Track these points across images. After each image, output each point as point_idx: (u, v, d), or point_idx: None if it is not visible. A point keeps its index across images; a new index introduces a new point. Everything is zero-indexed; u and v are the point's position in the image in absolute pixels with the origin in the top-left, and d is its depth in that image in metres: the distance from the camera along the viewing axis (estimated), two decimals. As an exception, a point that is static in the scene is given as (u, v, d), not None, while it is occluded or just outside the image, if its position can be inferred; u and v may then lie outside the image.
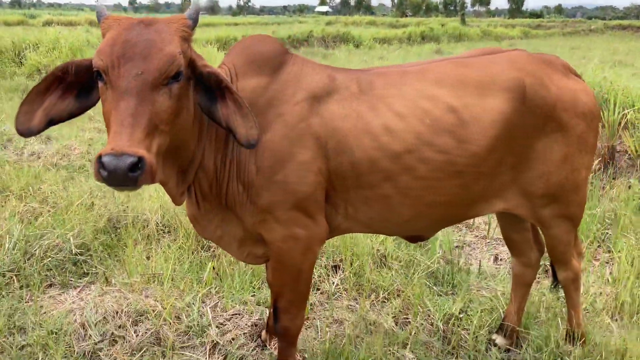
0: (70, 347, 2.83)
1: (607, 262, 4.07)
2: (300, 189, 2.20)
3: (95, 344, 2.86)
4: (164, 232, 4.19)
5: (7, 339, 2.87)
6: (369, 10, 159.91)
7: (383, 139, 2.22)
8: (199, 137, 2.12)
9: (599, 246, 4.34)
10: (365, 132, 2.22)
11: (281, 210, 2.22)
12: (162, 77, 1.78)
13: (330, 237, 2.53)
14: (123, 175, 1.60)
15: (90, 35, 15.66)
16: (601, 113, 5.67)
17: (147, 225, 4.19)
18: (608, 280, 3.78)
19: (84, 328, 2.96)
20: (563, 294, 3.04)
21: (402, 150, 2.23)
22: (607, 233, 4.48)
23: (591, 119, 2.48)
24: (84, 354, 2.80)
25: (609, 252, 4.21)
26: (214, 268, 3.52)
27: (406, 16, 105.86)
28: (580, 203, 2.63)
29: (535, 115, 2.36)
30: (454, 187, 2.33)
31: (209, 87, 1.97)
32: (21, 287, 3.39)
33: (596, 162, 5.57)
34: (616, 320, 3.31)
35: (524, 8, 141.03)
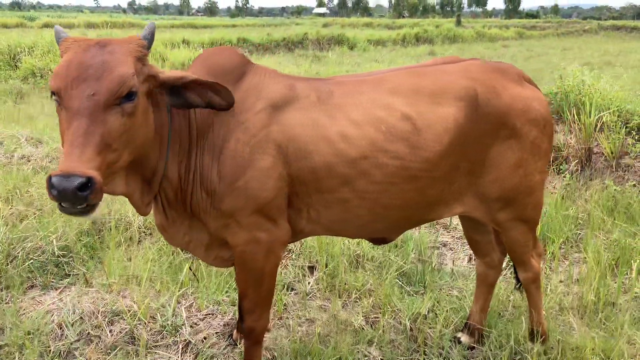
0: (46, 346, 2.93)
1: (578, 262, 4.18)
2: (261, 195, 2.30)
3: (71, 343, 2.96)
4: (145, 234, 4.29)
5: (-14, 339, 2.97)
6: (367, 11, 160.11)
7: (340, 146, 2.32)
8: (161, 149, 2.21)
9: (571, 246, 4.45)
10: (323, 139, 2.32)
11: (243, 215, 2.32)
12: (114, 98, 1.86)
13: (295, 240, 2.63)
14: (72, 195, 1.70)
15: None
16: (577, 116, 5.78)
17: (130, 228, 4.30)
18: (577, 280, 3.89)
19: (60, 328, 3.06)
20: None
21: (358, 156, 2.33)
22: (580, 233, 4.59)
23: (544, 125, 2.59)
24: (59, 353, 2.90)
25: (580, 252, 4.32)
26: (190, 269, 3.62)
27: (403, 17, 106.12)
28: (536, 206, 2.73)
29: (488, 122, 2.46)
30: (409, 191, 2.43)
31: (174, 89, 2.10)
32: (2, 289, 3.49)
33: (573, 163, 5.69)
34: (581, 318, 3.41)
35: (520, 8, 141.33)
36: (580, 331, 3.15)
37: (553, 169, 5.87)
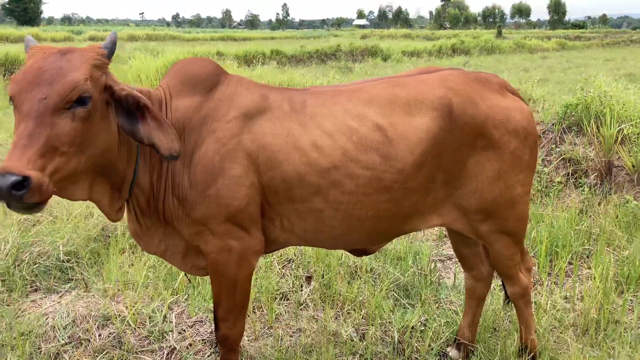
0: (37, 347, 3.02)
1: (586, 279, 4.04)
2: (232, 203, 2.31)
3: (61, 345, 3.04)
4: (150, 242, 4.37)
5: (-19, 339, 3.08)
6: (407, 23, 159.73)
7: (311, 155, 2.33)
8: (129, 156, 2.26)
9: (582, 262, 4.31)
10: (295, 148, 2.33)
11: (215, 223, 2.34)
12: (64, 102, 1.91)
13: (271, 250, 2.63)
14: (7, 193, 1.73)
15: (122, 50, 16.25)
16: (598, 128, 5.62)
17: (135, 235, 4.38)
18: (582, 297, 3.76)
19: (53, 330, 3.15)
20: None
21: (329, 165, 2.33)
22: (591, 249, 4.44)
23: (524, 136, 2.52)
24: (49, 355, 2.98)
25: (590, 268, 4.17)
26: (186, 275, 3.67)
27: (444, 29, 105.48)
28: (519, 219, 2.66)
29: (464, 132, 2.42)
30: (382, 202, 2.41)
31: (128, 109, 2.10)
32: (8, 291, 3.61)
33: (592, 177, 5.52)
34: (582, 336, 3.30)
35: (566, 19, 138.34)
36: (573, 348, 3.04)
37: (572, 182, 5.71)
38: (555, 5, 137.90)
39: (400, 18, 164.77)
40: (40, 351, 3.00)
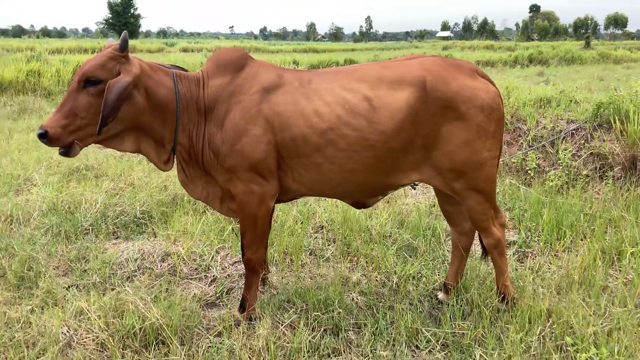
0: (114, 272, 3.95)
1: (584, 253, 4.48)
2: (254, 156, 3.09)
3: (132, 271, 3.96)
4: (209, 209, 5.27)
5: (75, 264, 4.05)
6: (493, 35, 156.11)
7: (313, 120, 3.07)
8: (164, 122, 3.09)
9: (583, 241, 4.74)
10: (301, 115, 3.08)
11: (241, 171, 3.13)
12: (80, 83, 2.84)
13: (288, 198, 3.38)
14: (40, 140, 2.75)
15: (205, 59, 17.68)
16: (623, 124, 5.96)
17: (197, 202, 5.30)
18: (575, 265, 4.22)
19: (126, 262, 4.07)
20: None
21: (326, 128, 3.06)
22: (595, 229, 4.84)
23: (489, 112, 3.13)
24: (122, 277, 3.90)
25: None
26: (232, 229, 4.50)
27: (532, 40, 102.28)
28: (487, 179, 3.24)
29: (436, 105, 3.07)
30: (368, 158, 3.10)
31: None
32: (95, 236, 4.61)
33: (615, 170, 5.86)
34: (559, 292, 3.79)
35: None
36: (545, 297, 3.56)
37: (598, 175, 6.07)
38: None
39: (485, 30, 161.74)
40: (116, 275, 3.92)
